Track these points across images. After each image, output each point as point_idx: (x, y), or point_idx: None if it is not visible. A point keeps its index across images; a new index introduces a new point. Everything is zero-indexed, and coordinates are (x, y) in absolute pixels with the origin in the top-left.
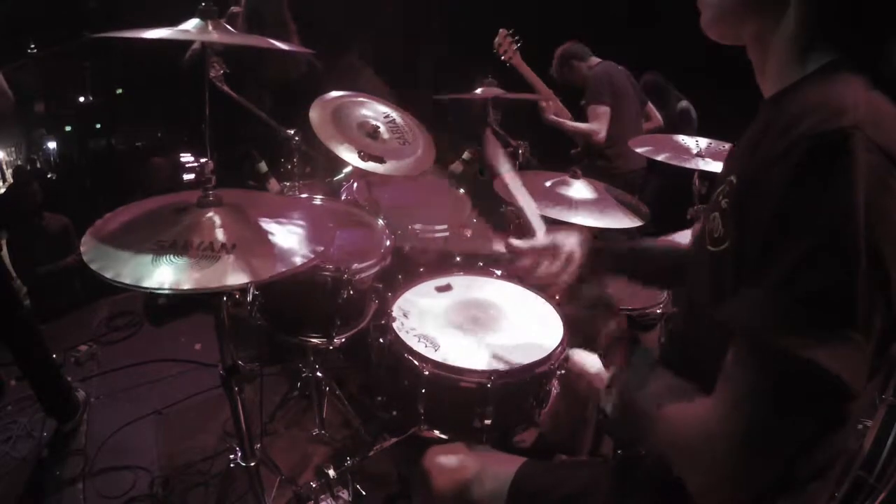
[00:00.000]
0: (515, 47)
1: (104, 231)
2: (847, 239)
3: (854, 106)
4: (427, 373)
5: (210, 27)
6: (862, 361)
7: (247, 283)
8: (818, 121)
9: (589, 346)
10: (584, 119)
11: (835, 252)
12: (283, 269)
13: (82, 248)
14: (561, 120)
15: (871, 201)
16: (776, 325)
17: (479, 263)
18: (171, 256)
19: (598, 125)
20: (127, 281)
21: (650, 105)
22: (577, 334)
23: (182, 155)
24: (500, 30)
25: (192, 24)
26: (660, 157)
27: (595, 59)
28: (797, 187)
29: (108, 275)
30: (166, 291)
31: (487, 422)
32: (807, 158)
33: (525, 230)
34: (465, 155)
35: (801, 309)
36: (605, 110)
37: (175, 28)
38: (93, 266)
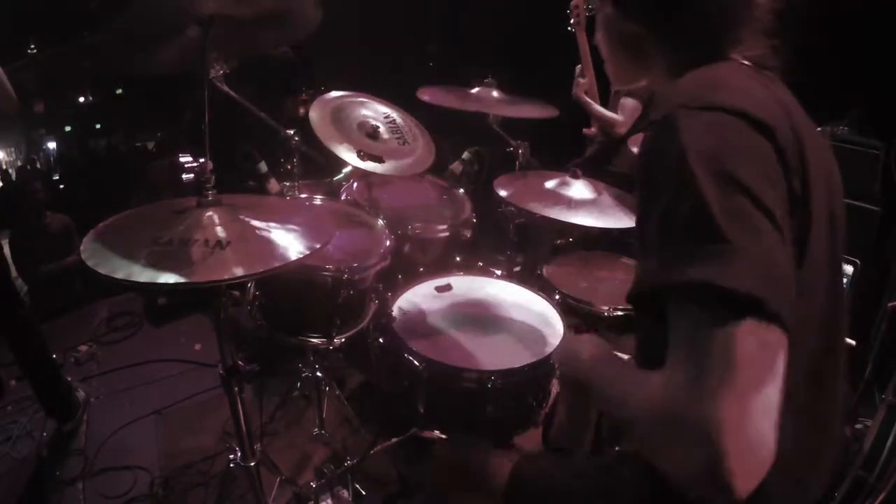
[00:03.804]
0: (586, 15)
1: (105, 232)
2: (683, 176)
3: (676, 93)
4: (427, 373)
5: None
6: (751, 266)
7: (246, 276)
8: (655, 113)
9: None
10: (611, 106)
11: (680, 191)
12: (284, 263)
13: (82, 251)
14: (588, 100)
15: (702, 142)
16: (664, 270)
17: (478, 263)
18: (171, 253)
19: (623, 117)
20: (129, 278)
21: None
22: None
23: (181, 155)
24: None
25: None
26: None
27: None
28: (644, 162)
29: (116, 275)
30: (171, 284)
31: (488, 422)
32: (647, 139)
33: None
34: (465, 155)
35: (675, 247)
36: (635, 105)
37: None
38: (100, 270)
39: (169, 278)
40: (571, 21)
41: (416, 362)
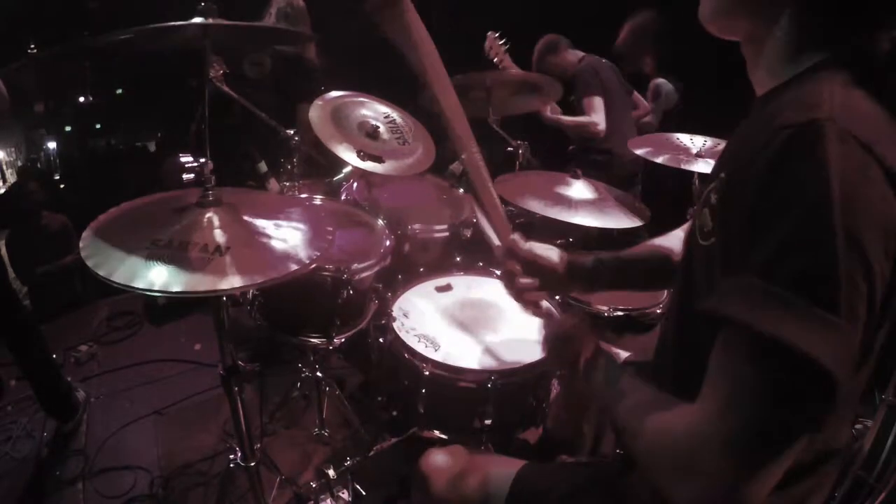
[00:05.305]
0: (504, 49)
1: (104, 230)
2: (823, 225)
3: (830, 99)
4: (427, 373)
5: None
6: (845, 348)
7: (243, 287)
8: (793, 113)
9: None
10: (577, 115)
11: (812, 239)
12: (282, 274)
13: (81, 247)
14: (559, 116)
15: (849, 190)
16: (758, 311)
17: (478, 263)
18: (169, 257)
19: (596, 116)
20: (122, 281)
21: (636, 94)
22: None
23: (181, 155)
24: (488, 33)
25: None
26: (659, 159)
27: (580, 54)
28: (773, 177)
29: (115, 278)
30: (169, 294)
31: (487, 422)
32: (782, 149)
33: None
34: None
35: (781, 293)
36: (599, 101)
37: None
38: (100, 272)
39: (166, 287)
40: (494, 61)
41: (416, 362)
